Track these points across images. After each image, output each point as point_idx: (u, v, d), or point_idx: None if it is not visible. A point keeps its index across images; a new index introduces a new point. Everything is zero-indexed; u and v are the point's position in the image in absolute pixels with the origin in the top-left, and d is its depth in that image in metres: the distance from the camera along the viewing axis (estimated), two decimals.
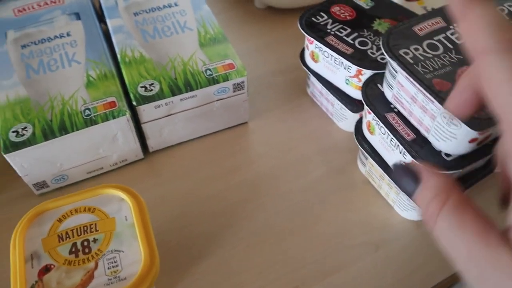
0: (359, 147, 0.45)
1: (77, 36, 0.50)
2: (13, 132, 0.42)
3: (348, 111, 0.49)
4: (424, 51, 0.38)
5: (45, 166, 0.44)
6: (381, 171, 0.43)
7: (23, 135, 0.42)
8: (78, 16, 0.53)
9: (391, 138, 0.40)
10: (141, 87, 0.45)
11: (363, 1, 0.51)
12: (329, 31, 0.47)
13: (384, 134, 0.41)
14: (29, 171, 0.43)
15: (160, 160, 0.49)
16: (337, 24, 0.48)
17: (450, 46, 0.38)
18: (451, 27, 0.40)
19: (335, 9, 0.49)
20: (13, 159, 0.41)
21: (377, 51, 0.45)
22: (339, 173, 0.48)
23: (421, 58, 0.37)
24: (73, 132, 0.42)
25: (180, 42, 0.49)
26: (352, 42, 0.46)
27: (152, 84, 0.45)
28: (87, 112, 0.43)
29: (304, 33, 0.47)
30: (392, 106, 0.41)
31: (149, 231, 0.34)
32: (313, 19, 0.48)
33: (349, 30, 0.47)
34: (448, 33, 0.39)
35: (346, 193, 0.47)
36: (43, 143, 0.42)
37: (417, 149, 0.38)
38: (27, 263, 0.33)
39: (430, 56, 0.37)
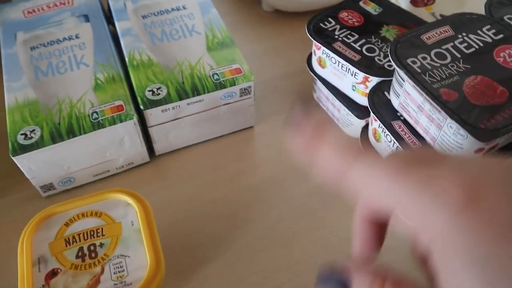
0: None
1: (85, 38, 0.51)
2: (22, 134, 0.42)
3: (354, 117, 0.49)
4: (431, 60, 0.38)
5: (52, 168, 0.44)
6: None
7: (31, 138, 0.42)
8: (87, 18, 0.53)
9: (397, 146, 0.40)
10: (149, 91, 0.45)
11: (371, 7, 0.50)
12: (336, 37, 0.47)
13: (390, 142, 0.41)
14: (36, 173, 0.44)
15: (166, 164, 0.50)
16: (344, 30, 0.48)
17: (458, 55, 0.38)
18: (459, 36, 0.40)
19: (343, 14, 0.49)
20: (21, 161, 0.42)
21: (384, 58, 0.45)
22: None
23: (429, 67, 0.37)
24: (81, 136, 0.42)
25: (187, 46, 0.49)
26: (359, 48, 0.46)
27: (160, 88, 0.45)
28: (95, 115, 0.43)
29: (312, 39, 0.47)
30: (399, 114, 0.41)
31: (155, 237, 0.35)
32: (321, 24, 0.48)
33: (356, 36, 0.47)
34: (456, 42, 0.39)
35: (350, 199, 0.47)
36: (51, 146, 0.42)
37: None
38: (35, 267, 0.33)
39: (438, 65, 0.37)
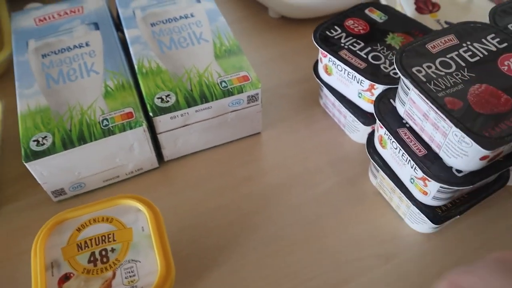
0: (371, 160, 0.45)
1: (95, 46, 0.52)
2: (34, 141, 0.43)
3: (360, 124, 0.49)
4: (436, 68, 0.38)
5: (63, 174, 0.45)
6: (392, 184, 0.44)
7: (43, 144, 0.43)
8: (96, 26, 0.54)
9: (402, 153, 0.41)
10: (158, 98, 0.46)
11: (376, 15, 0.51)
12: (342, 45, 0.48)
13: (396, 148, 0.41)
14: (48, 179, 0.44)
15: (174, 169, 0.50)
16: (350, 38, 0.48)
17: (463, 64, 0.39)
18: (464, 44, 0.40)
19: (349, 22, 0.50)
20: (34, 167, 0.43)
21: (389, 65, 0.46)
22: (350, 184, 0.49)
23: (434, 76, 0.38)
24: (92, 142, 0.43)
25: (195, 54, 0.50)
26: (365, 56, 0.46)
27: (169, 95, 0.46)
28: (105, 122, 0.44)
29: (319, 47, 0.48)
30: (404, 121, 0.41)
31: (165, 242, 0.35)
32: (327, 32, 0.49)
33: (362, 44, 0.48)
34: (461, 51, 0.40)
35: (357, 205, 0.47)
36: (63, 152, 0.43)
37: (428, 164, 0.39)
38: (48, 271, 0.34)
39: (443, 74, 0.38)
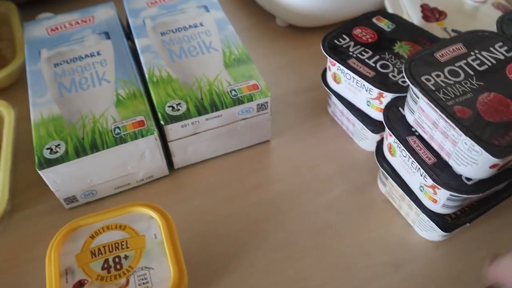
0: (380, 167, 0.45)
1: (107, 55, 0.52)
2: (47, 149, 0.44)
3: (369, 132, 0.50)
4: (445, 77, 0.39)
5: (76, 181, 0.45)
6: (401, 192, 0.44)
7: (56, 152, 0.43)
8: (107, 35, 0.55)
9: (412, 161, 0.41)
10: (169, 106, 0.46)
11: (384, 24, 0.52)
12: (351, 53, 0.48)
13: (405, 157, 0.42)
14: (60, 186, 0.45)
15: (184, 177, 0.51)
16: (359, 46, 0.49)
17: (471, 72, 0.39)
18: (472, 53, 0.40)
19: (357, 31, 0.51)
20: (47, 175, 0.43)
21: (398, 74, 0.46)
22: (359, 192, 0.49)
23: (443, 85, 0.38)
24: (104, 150, 0.44)
25: (205, 63, 0.51)
26: (373, 65, 0.47)
27: (179, 104, 0.47)
28: (117, 130, 0.45)
29: (327, 56, 0.48)
30: (413, 130, 0.42)
31: (177, 250, 0.36)
32: (336, 41, 0.49)
33: (370, 53, 0.48)
34: (469, 59, 0.40)
35: (366, 212, 0.48)
36: (75, 160, 0.43)
37: (438, 172, 0.39)
38: (62, 278, 0.34)
39: (452, 82, 0.38)
